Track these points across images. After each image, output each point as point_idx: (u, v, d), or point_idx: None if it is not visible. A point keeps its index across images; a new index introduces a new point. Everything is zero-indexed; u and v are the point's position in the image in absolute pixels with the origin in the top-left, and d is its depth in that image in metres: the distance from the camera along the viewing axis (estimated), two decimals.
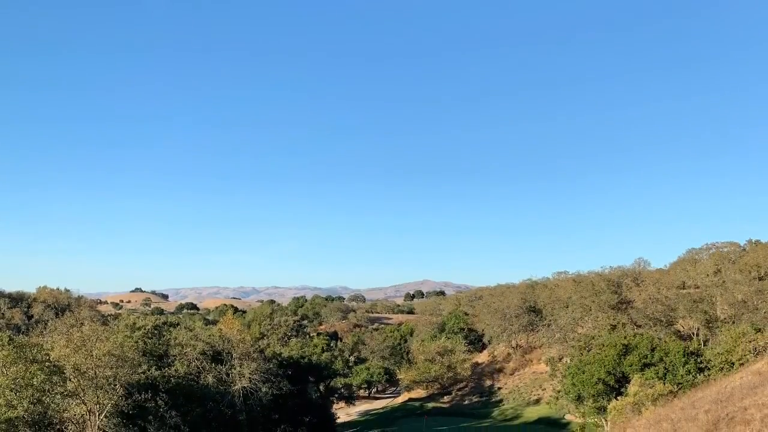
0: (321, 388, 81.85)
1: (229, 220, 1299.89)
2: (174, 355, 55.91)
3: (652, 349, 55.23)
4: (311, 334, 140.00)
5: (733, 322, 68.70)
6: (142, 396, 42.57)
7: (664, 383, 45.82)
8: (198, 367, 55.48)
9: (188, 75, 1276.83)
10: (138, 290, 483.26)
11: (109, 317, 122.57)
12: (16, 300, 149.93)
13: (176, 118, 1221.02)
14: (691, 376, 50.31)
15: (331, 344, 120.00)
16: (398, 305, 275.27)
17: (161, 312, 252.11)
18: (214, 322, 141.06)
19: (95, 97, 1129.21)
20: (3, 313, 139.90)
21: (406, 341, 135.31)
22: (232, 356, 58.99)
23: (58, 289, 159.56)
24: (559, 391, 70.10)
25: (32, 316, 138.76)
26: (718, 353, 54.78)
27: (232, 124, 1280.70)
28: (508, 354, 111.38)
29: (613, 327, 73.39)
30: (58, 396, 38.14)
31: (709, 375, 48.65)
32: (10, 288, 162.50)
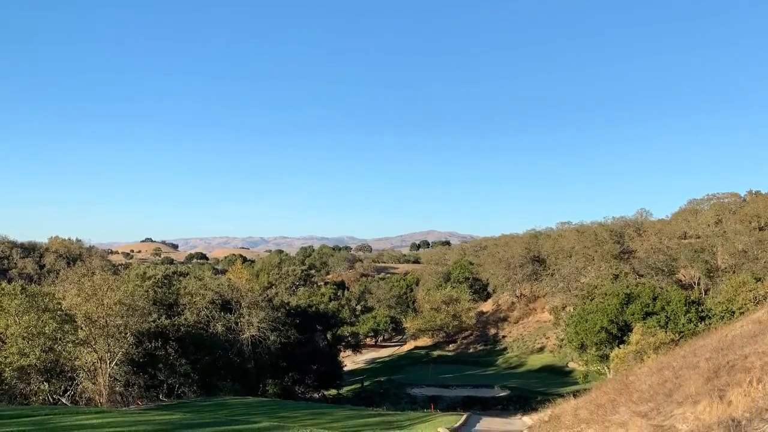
0: (328, 336, 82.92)
1: (238, 171, 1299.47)
2: (184, 304, 56.64)
3: (654, 299, 55.74)
4: (319, 284, 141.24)
5: (734, 272, 69.07)
6: (153, 344, 43.37)
7: (666, 332, 46.41)
8: (207, 316, 56.27)
9: (195, 27, 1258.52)
10: (148, 240, 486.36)
11: (119, 267, 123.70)
12: (29, 250, 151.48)
13: (185, 69, 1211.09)
14: (692, 324, 50.87)
15: (338, 293, 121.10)
16: (404, 255, 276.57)
17: (171, 261, 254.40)
18: (223, 272, 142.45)
19: (105, 50, 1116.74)
20: (16, 263, 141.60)
21: (411, 290, 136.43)
22: (240, 305, 59.73)
23: (69, 239, 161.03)
24: (562, 340, 70.98)
25: (44, 265, 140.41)
26: (719, 302, 55.32)
27: (240, 76, 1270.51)
28: (513, 303, 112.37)
29: (616, 276, 73.88)
30: (70, 344, 38.82)
31: (710, 324, 49.14)
32: (23, 238, 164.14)
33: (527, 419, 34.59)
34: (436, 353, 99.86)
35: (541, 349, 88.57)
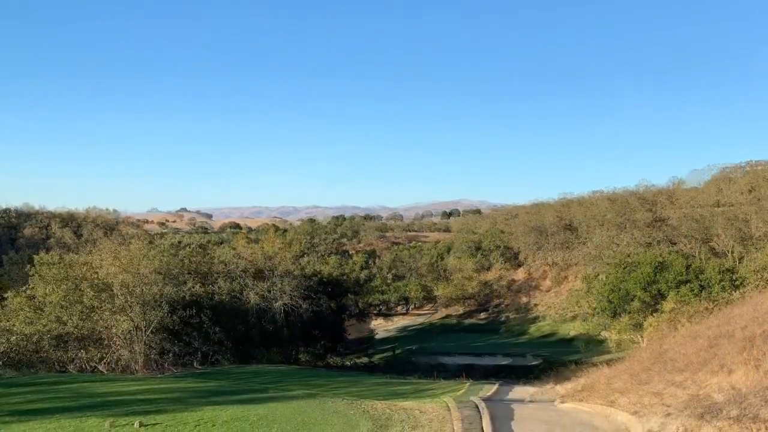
0: (360, 304, 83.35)
1: (273, 141, 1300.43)
2: (218, 273, 57.21)
3: (687, 267, 54.91)
4: (350, 252, 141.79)
5: None
6: (187, 312, 43.88)
7: (700, 300, 45.79)
8: (241, 285, 56.79)
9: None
10: (183, 210, 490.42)
11: (155, 236, 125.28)
12: (67, 220, 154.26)
13: (226, 43, 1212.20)
14: (726, 293, 50.02)
15: (370, 262, 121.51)
16: (435, 223, 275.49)
17: (205, 231, 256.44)
18: (257, 241, 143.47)
19: (140, 24, 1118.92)
20: (54, 233, 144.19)
21: (443, 259, 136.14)
22: (273, 274, 60.15)
23: (106, 209, 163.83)
24: (595, 308, 70.33)
25: (82, 235, 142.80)
26: (754, 270, 54.25)
27: (270, 45, 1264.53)
28: (544, 271, 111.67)
29: (648, 245, 72.88)
30: (107, 312, 39.47)
31: (744, 292, 48.30)
32: (62, 209, 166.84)
33: (560, 388, 34.46)
34: (467, 321, 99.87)
35: (574, 318, 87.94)
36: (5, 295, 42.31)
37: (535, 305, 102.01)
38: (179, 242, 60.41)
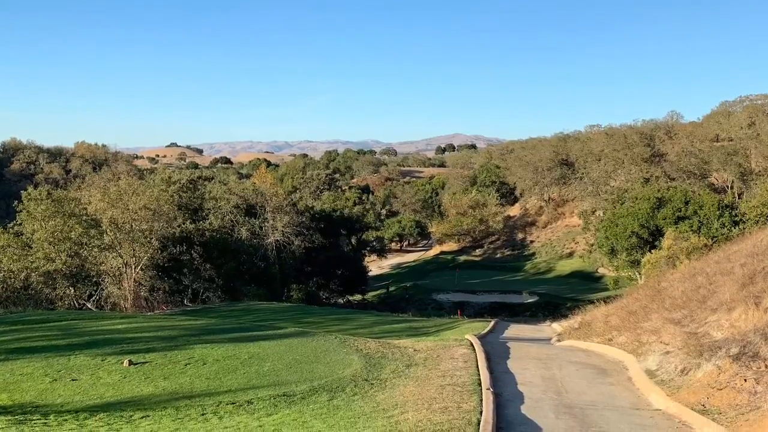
0: (353, 241, 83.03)
1: (263, 74, 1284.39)
2: (208, 209, 56.53)
3: (686, 203, 54.42)
4: (343, 188, 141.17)
5: None
6: (177, 249, 43.37)
7: (699, 236, 45.36)
8: (232, 221, 56.24)
9: None
10: (173, 145, 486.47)
11: (145, 171, 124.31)
12: (55, 155, 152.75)
13: None
14: (725, 229, 49.72)
15: (363, 198, 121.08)
16: (429, 159, 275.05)
17: (196, 166, 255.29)
18: (248, 176, 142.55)
19: None
20: (42, 168, 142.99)
21: (437, 194, 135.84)
22: (265, 210, 59.54)
23: (95, 144, 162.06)
24: (592, 245, 70.33)
25: (70, 170, 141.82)
26: (753, 206, 53.73)
27: None
28: (541, 207, 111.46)
29: (646, 180, 72.36)
30: (95, 249, 38.87)
31: (744, 228, 47.93)
32: (49, 143, 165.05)
33: (556, 326, 34.30)
34: (462, 258, 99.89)
35: (570, 255, 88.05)
36: None
37: (531, 242, 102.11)
38: (169, 177, 59.33)
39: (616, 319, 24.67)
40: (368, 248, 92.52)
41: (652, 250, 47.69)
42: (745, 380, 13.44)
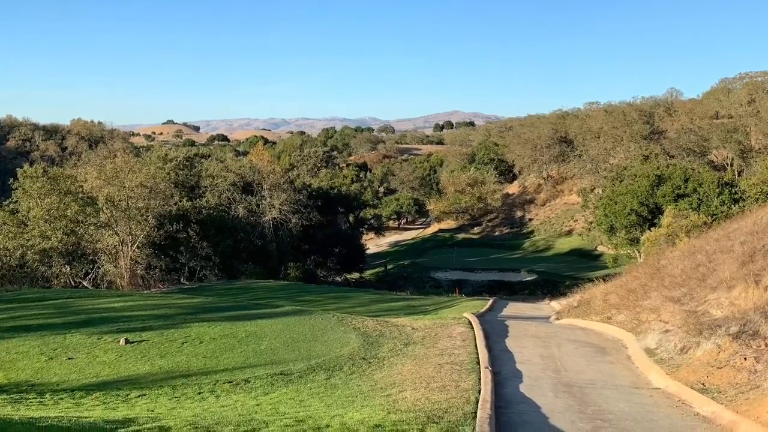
0: (350, 219, 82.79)
1: (260, 50, 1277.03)
2: (205, 187, 56.30)
3: (686, 180, 54.15)
4: (341, 165, 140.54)
5: None
6: (174, 227, 43.08)
7: (699, 214, 45.18)
8: (229, 198, 55.98)
9: None
10: (170, 122, 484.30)
11: (141, 149, 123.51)
12: (51, 132, 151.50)
13: None
14: (725, 207, 49.48)
15: (361, 175, 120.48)
16: (427, 136, 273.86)
17: (193, 144, 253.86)
18: (245, 154, 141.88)
19: None
20: (38, 145, 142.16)
21: (435, 172, 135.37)
22: (262, 187, 59.28)
23: (91, 121, 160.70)
24: (590, 223, 70.06)
25: (66, 147, 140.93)
26: (753, 184, 53.48)
27: None
28: (539, 185, 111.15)
29: (646, 157, 71.98)
30: (92, 227, 38.79)
31: (744, 206, 47.70)
32: (45, 120, 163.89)
33: (555, 304, 34.29)
34: (460, 236, 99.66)
35: (569, 232, 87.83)
36: None
37: (530, 219, 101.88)
38: (166, 155, 58.98)
39: (615, 298, 24.62)
40: (366, 226, 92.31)
41: (652, 228, 47.54)
42: (745, 359, 13.37)
